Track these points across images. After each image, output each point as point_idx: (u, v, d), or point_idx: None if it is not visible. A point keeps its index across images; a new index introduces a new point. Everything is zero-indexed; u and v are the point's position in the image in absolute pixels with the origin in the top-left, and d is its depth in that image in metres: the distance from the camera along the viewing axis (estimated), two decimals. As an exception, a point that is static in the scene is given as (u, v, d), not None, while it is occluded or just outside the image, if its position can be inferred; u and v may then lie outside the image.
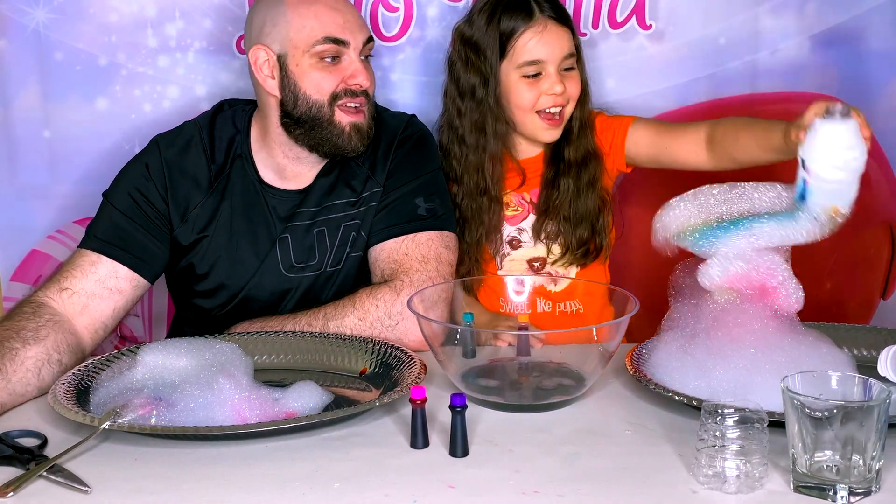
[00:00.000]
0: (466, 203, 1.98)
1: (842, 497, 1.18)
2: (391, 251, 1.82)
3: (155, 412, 1.39)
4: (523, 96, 1.93)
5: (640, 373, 1.50)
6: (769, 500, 1.20)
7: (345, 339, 1.69)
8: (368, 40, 1.83)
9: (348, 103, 1.80)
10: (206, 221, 1.84)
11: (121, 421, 1.36)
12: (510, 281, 1.88)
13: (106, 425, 1.35)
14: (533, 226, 2.01)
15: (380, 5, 2.23)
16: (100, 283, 1.74)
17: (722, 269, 1.51)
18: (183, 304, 1.95)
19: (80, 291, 1.72)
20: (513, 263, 2.02)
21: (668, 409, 1.46)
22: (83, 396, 1.48)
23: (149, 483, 1.27)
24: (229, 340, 1.66)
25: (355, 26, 1.81)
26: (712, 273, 1.51)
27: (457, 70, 1.98)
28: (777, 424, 1.25)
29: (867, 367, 1.51)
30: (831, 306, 2.33)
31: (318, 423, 1.39)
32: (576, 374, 1.55)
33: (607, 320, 1.69)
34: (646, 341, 1.60)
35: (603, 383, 1.56)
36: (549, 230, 2.00)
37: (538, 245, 2.01)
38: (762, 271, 1.49)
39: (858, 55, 2.31)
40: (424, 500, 1.21)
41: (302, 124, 1.81)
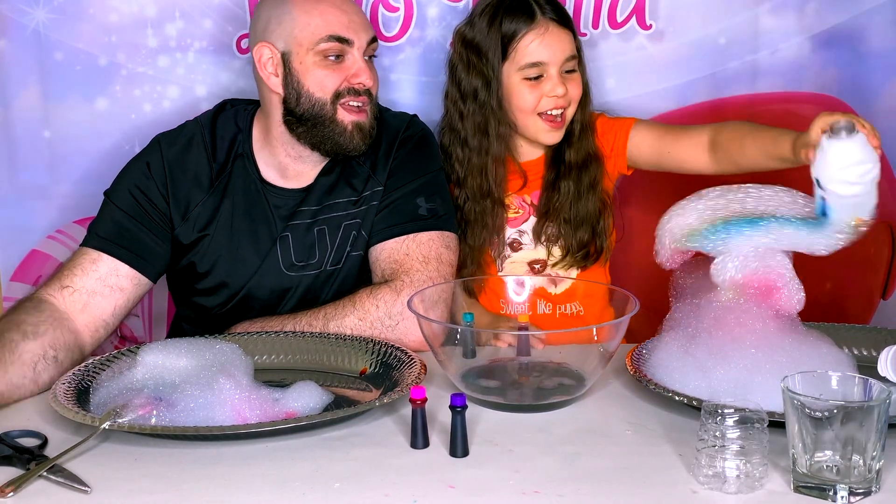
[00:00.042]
0: (470, 206, 1.97)
1: (842, 497, 1.18)
2: (392, 251, 1.82)
3: (155, 412, 1.39)
4: (525, 98, 1.93)
5: (640, 373, 1.50)
6: (769, 501, 1.20)
7: (345, 339, 1.69)
8: (372, 40, 1.83)
9: (351, 102, 1.80)
10: (207, 220, 1.85)
11: (121, 421, 1.36)
12: (511, 282, 1.87)
13: (106, 425, 1.35)
14: (533, 228, 2.01)
15: (380, 5, 2.23)
16: (101, 280, 1.75)
17: (740, 266, 1.50)
18: (183, 302, 1.95)
19: (81, 289, 1.72)
20: (513, 266, 2.02)
21: (668, 409, 1.46)
22: (83, 396, 1.48)
23: (149, 483, 1.27)
24: (229, 340, 1.66)
25: (360, 26, 1.81)
26: (728, 269, 1.50)
27: (458, 72, 1.98)
28: (777, 424, 1.25)
29: (867, 367, 1.51)
30: (831, 306, 2.33)
31: (318, 423, 1.39)
32: (576, 374, 1.55)
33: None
34: (646, 341, 1.60)
35: (603, 383, 1.56)
36: (550, 232, 1.99)
37: (539, 247, 2.01)
38: (773, 271, 1.49)
39: (858, 55, 2.31)
40: (424, 500, 1.21)
41: (304, 122, 1.81)
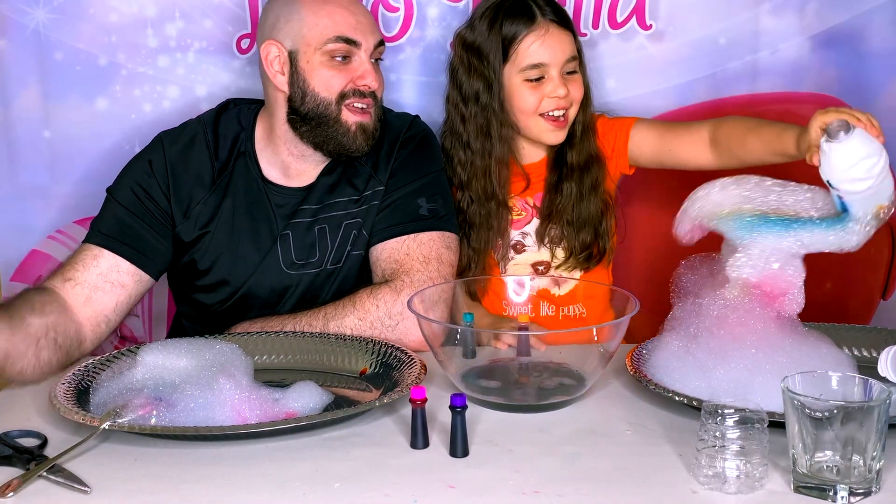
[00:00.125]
0: (475, 208, 1.97)
1: (842, 497, 1.18)
2: (392, 251, 1.82)
3: (155, 412, 1.39)
4: (526, 100, 1.93)
5: (640, 373, 1.50)
6: (769, 501, 1.20)
7: (345, 340, 1.69)
8: (380, 44, 1.83)
9: (355, 103, 1.80)
10: (208, 218, 1.85)
11: (121, 421, 1.36)
12: (513, 283, 1.87)
13: (106, 425, 1.35)
14: (537, 230, 2.01)
15: (380, 5, 2.23)
16: (102, 276, 1.75)
17: (757, 266, 1.49)
18: (183, 299, 1.95)
19: (84, 283, 1.73)
20: (517, 268, 2.01)
21: (668, 409, 1.46)
22: (83, 396, 1.48)
23: (149, 483, 1.27)
24: (229, 340, 1.66)
25: (368, 28, 1.81)
26: (746, 267, 1.49)
27: (459, 75, 1.98)
28: (777, 425, 1.25)
29: (867, 368, 1.51)
30: (831, 306, 2.33)
31: (318, 424, 1.39)
32: (576, 374, 1.55)
33: (609, 322, 1.69)
34: (646, 341, 1.60)
35: (603, 383, 1.56)
36: (553, 234, 1.99)
37: (542, 249, 2.01)
38: (786, 278, 1.48)
39: (858, 55, 2.31)
40: (424, 500, 1.21)
41: (308, 121, 1.81)
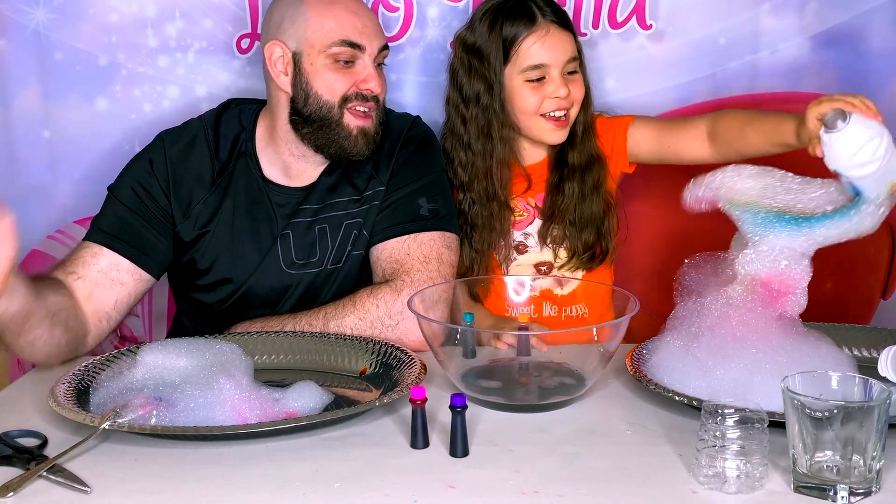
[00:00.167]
0: (477, 209, 1.97)
1: (842, 497, 1.18)
2: (393, 251, 1.82)
3: (155, 412, 1.39)
4: (527, 100, 1.93)
5: (640, 373, 1.50)
6: (769, 501, 1.20)
7: (345, 339, 1.69)
8: (384, 48, 1.83)
9: (357, 107, 1.80)
10: (209, 217, 1.85)
11: (121, 421, 1.36)
12: (515, 284, 1.87)
13: (106, 425, 1.35)
14: (539, 231, 2.01)
15: (380, 5, 2.23)
16: (103, 273, 1.76)
17: (766, 262, 1.49)
18: (183, 297, 1.95)
19: (85, 278, 1.74)
20: (519, 269, 2.01)
21: (668, 409, 1.46)
22: (83, 396, 1.48)
23: (149, 483, 1.27)
24: (229, 340, 1.66)
25: (372, 32, 1.81)
26: (755, 263, 1.49)
27: (459, 77, 1.98)
28: (777, 424, 1.25)
29: (867, 368, 1.51)
30: (831, 306, 2.33)
31: (318, 423, 1.39)
32: (576, 374, 1.55)
33: (611, 322, 1.69)
34: (646, 341, 1.60)
35: (603, 383, 1.56)
36: (555, 234, 1.99)
37: (544, 250, 2.01)
38: (793, 277, 1.48)
39: (858, 55, 2.30)
40: (424, 500, 1.21)
41: (310, 123, 1.81)
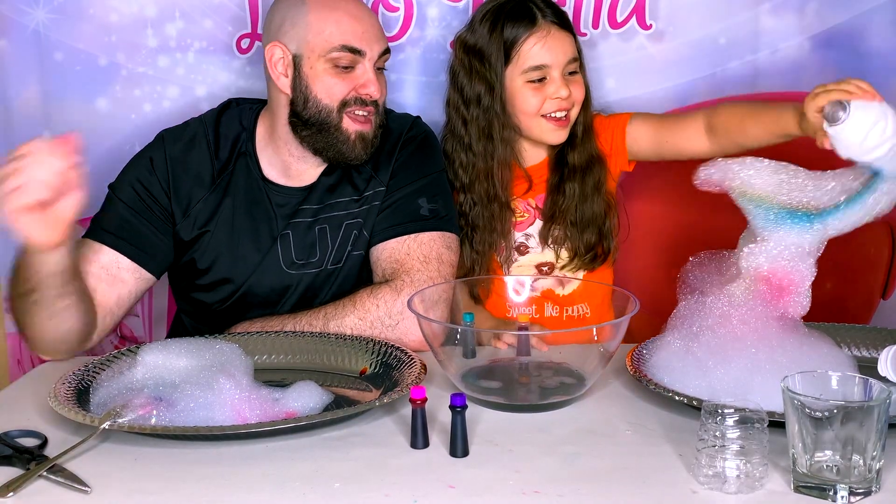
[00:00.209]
0: (478, 211, 1.97)
1: (842, 497, 1.18)
2: (393, 251, 1.82)
3: (155, 412, 1.39)
4: (528, 101, 1.93)
5: (640, 373, 1.50)
6: (769, 501, 1.20)
7: (345, 339, 1.69)
8: (385, 52, 1.83)
9: (356, 111, 1.80)
10: (208, 217, 1.85)
11: (121, 421, 1.36)
12: (516, 284, 1.87)
13: (106, 425, 1.35)
14: (540, 231, 2.01)
15: (380, 5, 2.23)
16: (104, 270, 1.76)
17: (773, 259, 1.48)
18: (183, 297, 1.95)
19: (87, 274, 1.74)
20: (521, 269, 2.01)
21: (668, 409, 1.46)
22: (83, 396, 1.48)
23: (149, 483, 1.27)
24: (229, 340, 1.66)
25: (373, 37, 1.81)
26: (760, 256, 1.48)
27: (460, 78, 1.98)
28: (777, 424, 1.25)
29: (867, 367, 1.51)
30: (831, 306, 2.33)
31: (318, 423, 1.39)
32: (576, 373, 1.55)
33: (612, 322, 1.69)
34: (646, 341, 1.60)
35: (603, 383, 1.56)
36: (556, 235, 1.99)
37: (546, 250, 2.01)
38: (797, 273, 1.48)
39: (858, 55, 2.30)
40: (424, 500, 1.21)
41: (309, 126, 1.81)
